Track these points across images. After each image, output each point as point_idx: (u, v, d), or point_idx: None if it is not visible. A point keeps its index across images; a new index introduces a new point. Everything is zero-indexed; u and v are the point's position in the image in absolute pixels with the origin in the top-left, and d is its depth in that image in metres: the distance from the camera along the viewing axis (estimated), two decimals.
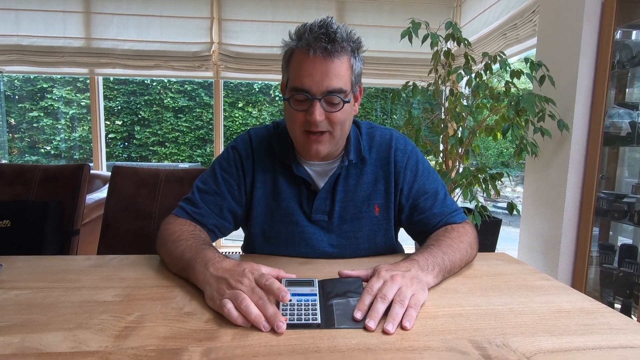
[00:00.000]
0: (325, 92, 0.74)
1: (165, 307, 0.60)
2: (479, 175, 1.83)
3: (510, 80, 1.75)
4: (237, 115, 5.83)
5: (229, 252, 3.08)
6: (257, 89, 5.91)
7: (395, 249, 0.91)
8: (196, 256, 0.67)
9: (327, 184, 0.84)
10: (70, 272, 0.74)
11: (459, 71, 1.82)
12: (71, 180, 1.42)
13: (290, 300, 0.58)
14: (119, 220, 1.33)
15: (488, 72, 1.79)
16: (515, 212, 1.68)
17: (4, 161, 5.40)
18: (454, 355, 0.49)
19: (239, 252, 0.96)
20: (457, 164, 1.90)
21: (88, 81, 2.89)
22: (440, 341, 0.52)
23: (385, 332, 0.53)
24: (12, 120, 5.59)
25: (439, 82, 1.99)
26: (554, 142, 1.87)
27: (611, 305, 1.94)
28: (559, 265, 1.84)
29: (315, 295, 0.60)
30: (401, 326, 0.55)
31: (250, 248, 0.90)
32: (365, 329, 0.54)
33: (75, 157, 5.60)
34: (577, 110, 1.75)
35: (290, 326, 0.54)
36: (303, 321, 0.54)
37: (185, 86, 5.81)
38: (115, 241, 1.33)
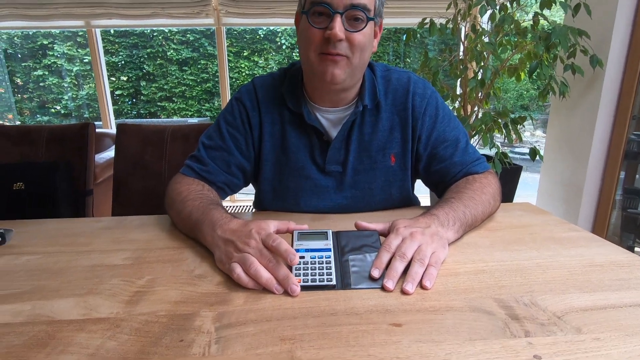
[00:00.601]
0: (349, 5, 0.66)
1: (176, 269, 0.58)
2: (499, 120, 1.72)
3: (540, 12, 1.57)
4: (243, 65, 5.62)
5: (243, 207, 3.11)
6: (262, 36, 5.62)
7: (411, 200, 0.87)
8: (204, 217, 0.64)
9: (340, 132, 0.78)
10: (81, 235, 0.73)
11: (482, 3, 1.64)
12: (77, 140, 1.39)
13: (303, 258, 0.55)
14: (129, 179, 1.32)
15: (515, 3, 1.61)
16: (537, 158, 1.60)
17: (17, 122, 5.43)
18: (478, 316, 0.46)
19: (251, 208, 0.93)
20: (476, 108, 1.79)
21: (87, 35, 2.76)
22: (463, 300, 0.49)
23: (404, 292, 0.51)
24: (19, 80, 5.52)
25: (458, 19, 1.82)
26: (583, 82, 1.72)
27: (631, 250, 1.91)
28: (580, 211, 1.79)
29: (329, 250, 0.57)
30: (421, 285, 0.52)
31: (260, 204, 0.87)
32: (383, 289, 0.52)
33: (85, 115, 5.57)
34: (614, 44, 1.58)
35: (304, 288, 0.52)
36: (317, 282, 0.52)
37: (188, 36, 5.56)
38: (129, 200, 1.32)
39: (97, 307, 0.49)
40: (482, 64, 1.69)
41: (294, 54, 5.60)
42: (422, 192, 1.17)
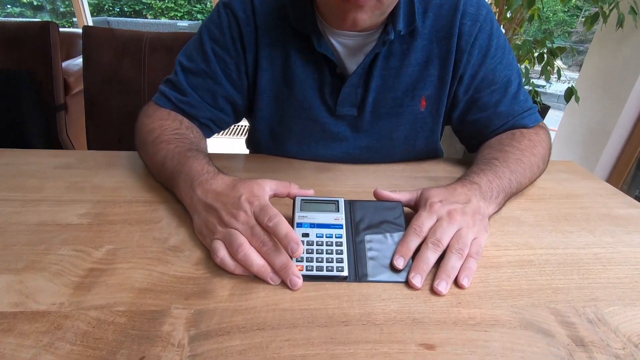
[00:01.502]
0: None
1: (145, 236, 0.46)
2: (534, 50, 1.49)
3: None
4: None
5: (241, 128, 2.91)
6: None
7: (437, 153, 0.72)
8: (180, 169, 0.50)
9: (360, 66, 0.60)
10: (33, 175, 0.60)
11: None
12: (38, 44, 1.16)
13: (307, 236, 0.43)
14: (103, 96, 1.13)
15: None
16: (573, 99, 1.41)
17: None
18: (533, 337, 0.35)
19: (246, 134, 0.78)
20: (516, 34, 1.54)
21: None
22: (510, 309, 0.38)
23: (435, 292, 0.39)
24: None
25: None
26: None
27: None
28: (600, 159, 1.67)
29: (341, 227, 0.45)
30: (456, 283, 0.41)
31: (255, 145, 0.72)
32: (408, 283, 0.40)
33: (60, 9, 4.97)
34: None
35: (307, 278, 0.40)
36: (325, 272, 0.40)
37: None
38: (105, 120, 1.16)
39: (36, 294, 0.37)
40: None
41: None
42: None
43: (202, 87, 0.62)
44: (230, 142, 2.65)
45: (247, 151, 0.79)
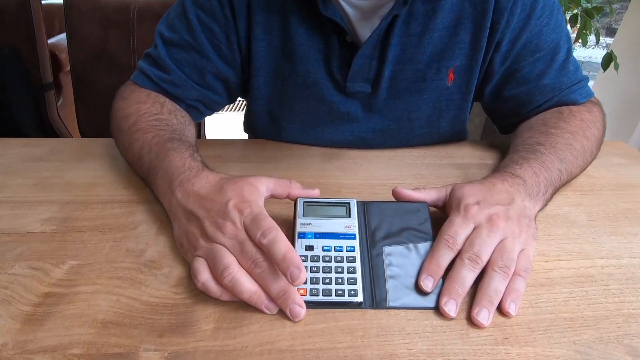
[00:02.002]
0: None
1: (117, 248, 0.38)
2: (568, 9, 1.32)
3: None
4: None
5: (239, 103, 2.75)
6: None
7: (463, 136, 0.62)
8: (158, 164, 0.41)
9: (375, 33, 0.49)
10: None
11: None
12: (19, 19, 1.06)
13: (312, 250, 0.35)
14: (91, 73, 1.04)
15: None
16: (612, 67, 1.26)
17: None
18: None
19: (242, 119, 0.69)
20: None
21: None
22: (573, 347, 0.30)
23: (473, 323, 0.31)
24: None
25: None
26: None
27: None
28: (635, 132, 1.53)
29: (353, 237, 0.36)
30: (500, 309, 0.32)
31: (252, 129, 0.63)
32: (438, 310, 0.32)
33: None
34: None
35: (311, 305, 0.32)
36: (334, 297, 0.32)
37: None
38: (94, 100, 1.07)
39: None
40: None
41: None
42: None
43: (187, 62, 0.53)
44: (228, 120, 2.52)
45: (245, 136, 0.70)
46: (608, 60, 1.25)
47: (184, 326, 0.31)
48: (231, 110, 2.60)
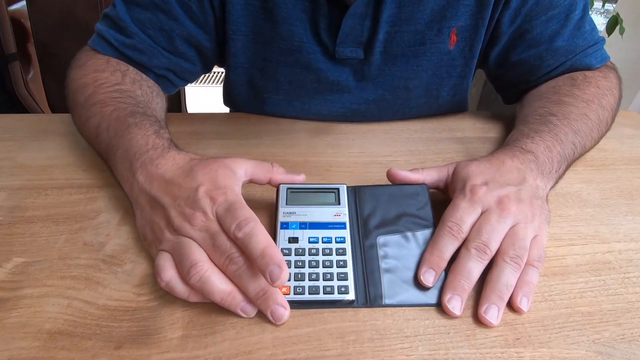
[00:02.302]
0: None
1: (72, 241, 0.33)
2: None
3: None
4: None
5: (217, 75, 2.59)
6: None
7: (464, 106, 0.57)
8: (117, 142, 0.36)
9: None
10: None
11: None
12: None
13: (296, 242, 0.30)
14: (56, 43, 0.95)
15: None
16: (617, 31, 1.20)
17: None
18: None
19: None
20: None
21: None
22: (593, 347, 0.26)
23: (480, 321, 0.27)
24: None
25: None
26: None
27: None
28: (634, 100, 1.49)
29: (343, 226, 0.32)
30: (511, 304, 0.28)
31: (232, 102, 0.57)
32: (441, 307, 0.28)
33: None
34: None
35: (297, 304, 0.28)
36: (322, 295, 0.28)
37: None
38: (60, 71, 0.98)
39: None
40: None
41: None
42: None
43: (151, 24, 0.46)
44: (213, 93, 2.42)
45: (226, 110, 0.64)
46: (613, 23, 1.18)
47: (146, 335, 0.26)
48: (215, 82, 2.48)
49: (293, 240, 0.30)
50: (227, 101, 0.59)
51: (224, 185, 0.29)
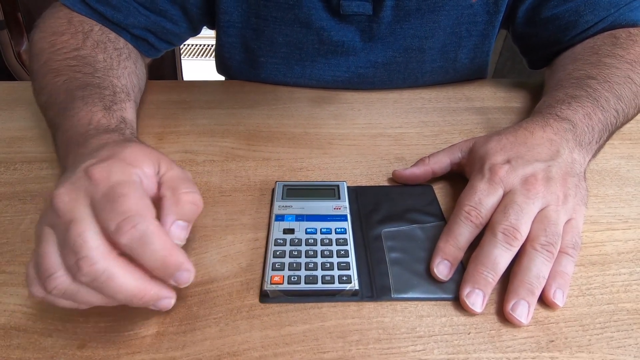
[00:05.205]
0: None
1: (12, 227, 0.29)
2: None
3: None
4: None
5: (206, 47, 2.43)
6: None
7: (483, 73, 0.51)
8: (59, 121, 0.30)
9: None
10: None
11: None
12: None
13: (292, 233, 0.26)
14: (42, 5, 0.88)
15: None
16: None
17: None
18: None
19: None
20: None
21: None
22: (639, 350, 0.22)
23: (507, 320, 0.23)
24: None
25: None
26: None
27: None
28: None
29: (344, 219, 0.27)
30: (544, 299, 0.24)
31: (225, 68, 0.52)
32: (459, 302, 0.24)
33: None
34: None
35: (290, 295, 0.24)
36: (320, 285, 0.24)
37: None
38: None
39: None
40: None
41: None
42: None
43: None
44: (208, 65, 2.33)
45: (220, 78, 0.58)
46: None
47: (115, 331, 0.23)
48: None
49: (288, 231, 0.26)
50: (220, 68, 0.54)
51: (132, 161, 0.21)
